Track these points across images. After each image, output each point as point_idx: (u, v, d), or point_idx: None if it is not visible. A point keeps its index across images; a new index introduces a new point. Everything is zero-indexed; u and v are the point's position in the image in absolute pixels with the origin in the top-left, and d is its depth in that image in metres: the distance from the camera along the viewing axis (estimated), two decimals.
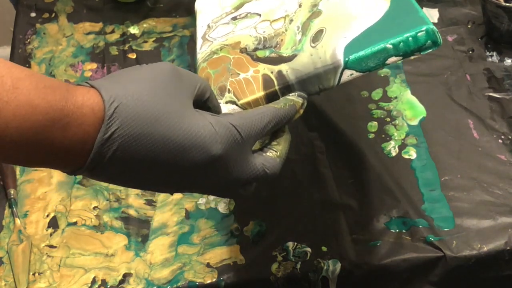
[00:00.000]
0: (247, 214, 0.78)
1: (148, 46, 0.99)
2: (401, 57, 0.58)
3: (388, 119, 0.86)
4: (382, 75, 0.91)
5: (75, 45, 1.00)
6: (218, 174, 0.52)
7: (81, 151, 0.48)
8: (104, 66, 0.97)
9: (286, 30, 0.65)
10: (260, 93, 0.59)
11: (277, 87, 0.59)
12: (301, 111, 0.59)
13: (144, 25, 1.02)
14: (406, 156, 0.82)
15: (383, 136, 0.84)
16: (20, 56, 0.99)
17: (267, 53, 0.63)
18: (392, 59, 0.58)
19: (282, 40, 0.64)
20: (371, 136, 0.84)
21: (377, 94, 0.88)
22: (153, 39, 1.00)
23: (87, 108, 0.47)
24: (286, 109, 0.57)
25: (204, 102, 0.55)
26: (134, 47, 0.99)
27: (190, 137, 0.50)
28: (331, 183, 0.80)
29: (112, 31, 1.02)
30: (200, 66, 0.66)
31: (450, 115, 0.86)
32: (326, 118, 0.86)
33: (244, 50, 0.64)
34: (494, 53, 0.92)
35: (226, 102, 0.59)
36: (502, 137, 0.83)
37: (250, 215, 0.78)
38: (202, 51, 0.67)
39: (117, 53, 0.98)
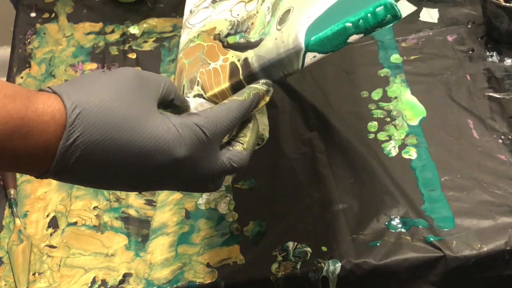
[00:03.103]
0: (247, 214, 0.78)
1: (148, 46, 0.99)
2: (362, 34, 0.57)
3: (388, 119, 0.85)
4: (382, 75, 0.90)
5: (75, 45, 1.00)
6: (184, 174, 0.53)
7: (45, 158, 0.48)
8: (104, 66, 0.97)
9: (257, 12, 0.64)
10: (225, 84, 0.59)
11: (241, 77, 0.59)
12: (267, 98, 0.59)
13: (144, 25, 1.02)
14: (406, 156, 0.82)
15: (383, 136, 0.84)
16: (20, 56, 0.99)
17: (237, 38, 0.63)
18: (354, 37, 0.57)
19: (252, 23, 0.63)
20: (371, 136, 0.84)
21: (377, 94, 0.88)
22: (153, 39, 1.00)
23: (48, 116, 0.47)
24: (250, 99, 0.57)
25: (171, 101, 0.56)
26: (134, 47, 0.99)
27: (154, 141, 0.50)
28: (331, 183, 0.80)
29: (112, 31, 1.02)
30: (178, 56, 0.66)
31: (450, 115, 0.86)
32: (326, 118, 0.86)
33: (217, 37, 0.64)
34: (494, 53, 0.92)
35: (194, 96, 0.59)
36: (502, 137, 0.83)
37: (250, 215, 0.78)
38: (182, 40, 0.68)
39: (117, 53, 0.98)
